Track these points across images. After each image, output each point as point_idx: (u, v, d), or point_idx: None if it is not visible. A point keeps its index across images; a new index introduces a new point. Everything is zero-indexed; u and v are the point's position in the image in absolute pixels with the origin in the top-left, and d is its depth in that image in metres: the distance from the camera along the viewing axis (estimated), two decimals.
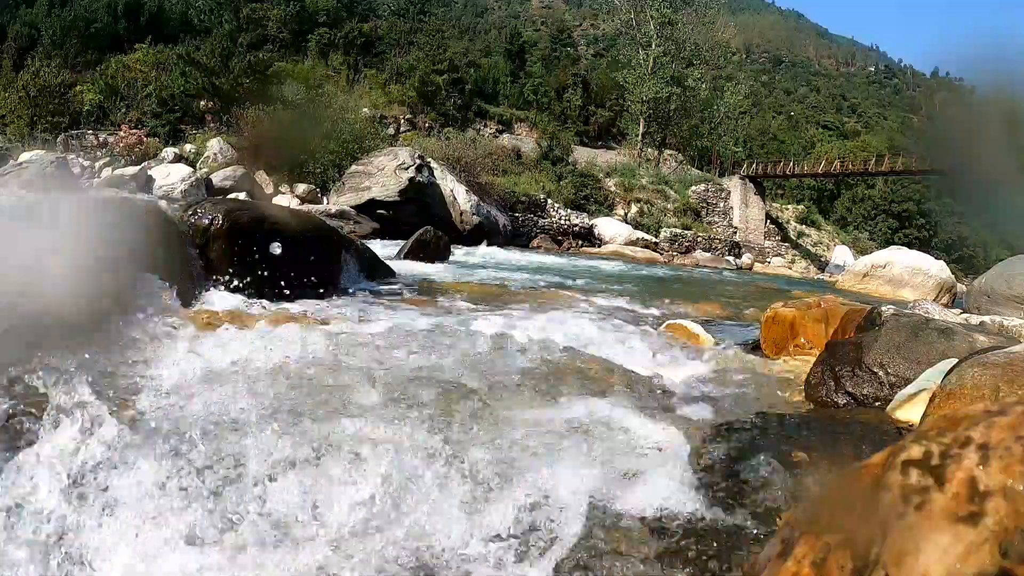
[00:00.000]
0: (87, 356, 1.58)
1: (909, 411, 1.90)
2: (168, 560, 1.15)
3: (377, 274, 5.50)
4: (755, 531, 1.27)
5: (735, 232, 28.69)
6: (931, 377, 1.97)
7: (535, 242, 20.78)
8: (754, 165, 31.64)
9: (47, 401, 1.38)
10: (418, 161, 17.26)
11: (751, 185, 30.23)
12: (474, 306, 4.39)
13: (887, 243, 27.68)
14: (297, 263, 3.96)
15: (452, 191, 17.99)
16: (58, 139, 21.46)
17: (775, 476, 1.45)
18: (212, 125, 22.53)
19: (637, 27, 32.05)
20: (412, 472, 1.35)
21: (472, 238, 16.65)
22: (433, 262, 8.12)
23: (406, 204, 16.37)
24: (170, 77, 23.19)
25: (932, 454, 0.69)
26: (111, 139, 21.00)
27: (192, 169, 18.74)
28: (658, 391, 2.23)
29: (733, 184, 29.96)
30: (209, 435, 1.37)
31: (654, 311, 4.94)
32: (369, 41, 30.14)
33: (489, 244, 16.59)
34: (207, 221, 3.69)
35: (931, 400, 1.79)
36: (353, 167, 17.98)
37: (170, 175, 17.89)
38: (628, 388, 2.18)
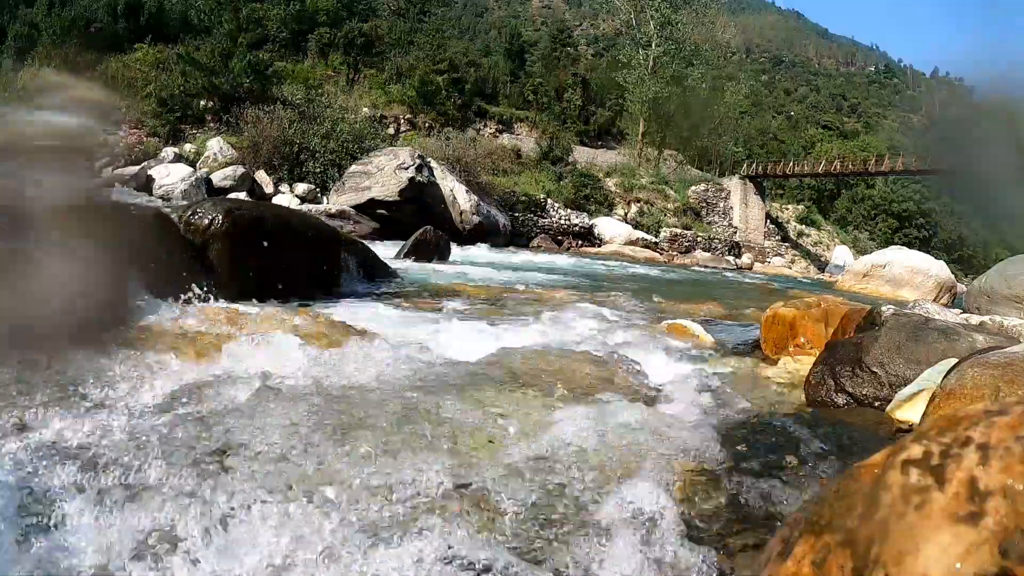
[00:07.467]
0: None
1: (909, 411, 1.89)
2: None
3: (377, 274, 5.49)
4: (754, 531, 1.27)
5: (735, 232, 28.71)
6: (931, 377, 1.97)
7: (535, 242, 20.78)
8: (754, 165, 31.67)
9: None
10: (418, 161, 17.24)
11: (751, 185, 30.26)
12: (474, 306, 4.39)
13: (887, 243, 27.73)
14: (297, 264, 3.96)
15: (452, 191, 17.98)
16: None
17: (774, 476, 1.45)
18: (212, 125, 22.47)
19: (637, 27, 32.05)
20: None
21: (472, 238, 16.66)
22: (433, 262, 8.11)
23: (406, 204, 16.35)
24: (170, 77, 23.14)
25: (932, 454, 0.69)
26: (111, 138, 20.95)
27: (192, 169, 18.69)
28: (658, 391, 2.23)
29: (733, 184, 29.99)
30: None
31: (654, 311, 4.93)
32: (369, 41, 30.05)
33: (489, 244, 16.60)
34: (207, 221, 3.64)
35: (931, 400, 1.79)
36: (353, 167, 17.96)
37: (170, 175, 17.86)
38: (627, 388, 2.18)
